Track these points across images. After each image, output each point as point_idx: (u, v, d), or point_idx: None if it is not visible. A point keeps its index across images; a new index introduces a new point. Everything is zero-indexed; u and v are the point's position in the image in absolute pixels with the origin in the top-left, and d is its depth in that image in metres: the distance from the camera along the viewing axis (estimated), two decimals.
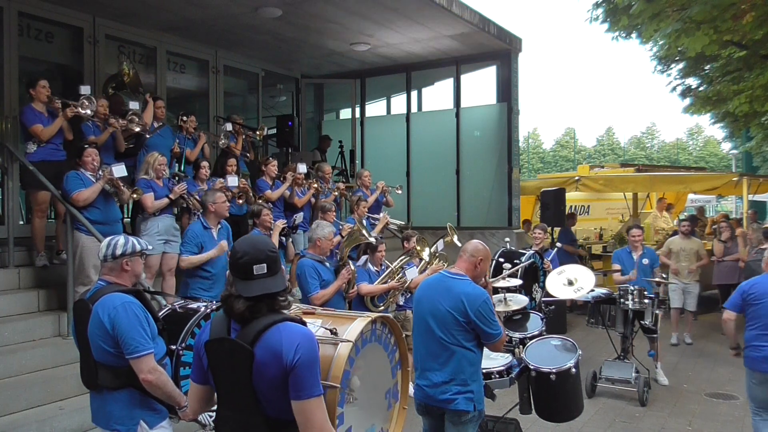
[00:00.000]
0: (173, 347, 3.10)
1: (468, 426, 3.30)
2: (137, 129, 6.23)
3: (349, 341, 2.27)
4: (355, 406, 2.36)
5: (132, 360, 2.77)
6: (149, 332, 2.85)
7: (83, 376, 3.00)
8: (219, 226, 5.28)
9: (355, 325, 2.35)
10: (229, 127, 7.61)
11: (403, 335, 2.68)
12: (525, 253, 5.91)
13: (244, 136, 7.83)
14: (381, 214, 7.66)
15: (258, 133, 8.23)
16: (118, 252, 2.96)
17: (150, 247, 3.27)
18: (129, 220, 6.74)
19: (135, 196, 5.47)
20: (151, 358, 2.80)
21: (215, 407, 2.24)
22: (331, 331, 2.29)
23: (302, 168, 7.48)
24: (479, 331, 3.23)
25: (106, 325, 2.78)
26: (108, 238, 3.07)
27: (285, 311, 2.11)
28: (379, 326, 2.55)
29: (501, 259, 5.68)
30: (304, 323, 2.13)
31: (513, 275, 5.03)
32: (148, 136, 6.36)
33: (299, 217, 6.74)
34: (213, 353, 2.11)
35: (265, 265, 2.04)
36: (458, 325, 3.23)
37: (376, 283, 5.51)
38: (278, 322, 2.03)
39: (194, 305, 3.54)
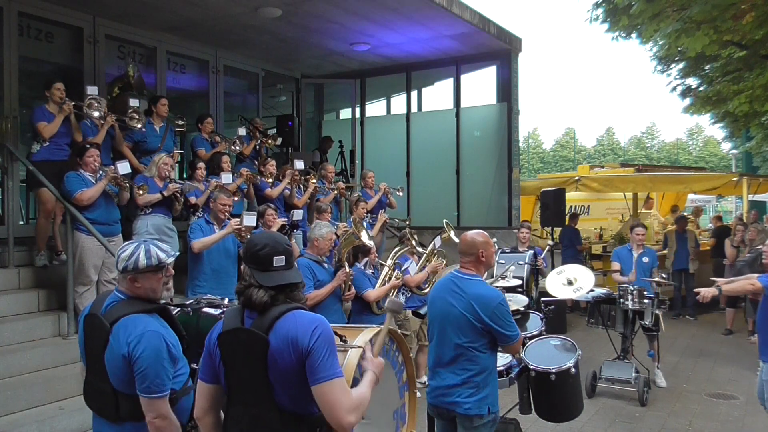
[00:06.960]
0: (194, 366, 2.67)
1: (482, 430, 3.23)
2: (138, 126, 6.23)
3: (359, 347, 2.25)
4: (364, 423, 2.32)
5: (143, 398, 2.37)
6: (170, 369, 2.43)
7: (94, 402, 2.57)
8: (223, 225, 5.30)
9: (363, 335, 2.33)
10: (242, 131, 7.60)
11: (410, 353, 2.64)
12: (525, 254, 5.88)
13: (258, 142, 7.83)
14: (379, 214, 7.67)
15: (271, 142, 8.22)
16: (120, 266, 2.48)
17: (170, 261, 2.58)
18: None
19: (141, 192, 5.47)
20: (165, 403, 2.39)
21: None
22: (341, 338, 2.27)
23: (299, 164, 7.47)
24: (495, 334, 3.16)
25: (126, 356, 2.38)
26: (121, 246, 2.59)
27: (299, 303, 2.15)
28: (388, 341, 2.51)
29: (502, 261, 5.67)
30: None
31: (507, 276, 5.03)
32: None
33: (298, 214, 6.74)
34: (226, 345, 2.12)
35: (283, 257, 2.13)
36: (472, 328, 3.16)
37: (377, 285, 5.49)
38: (291, 309, 2.08)
39: (211, 313, 3.05)
